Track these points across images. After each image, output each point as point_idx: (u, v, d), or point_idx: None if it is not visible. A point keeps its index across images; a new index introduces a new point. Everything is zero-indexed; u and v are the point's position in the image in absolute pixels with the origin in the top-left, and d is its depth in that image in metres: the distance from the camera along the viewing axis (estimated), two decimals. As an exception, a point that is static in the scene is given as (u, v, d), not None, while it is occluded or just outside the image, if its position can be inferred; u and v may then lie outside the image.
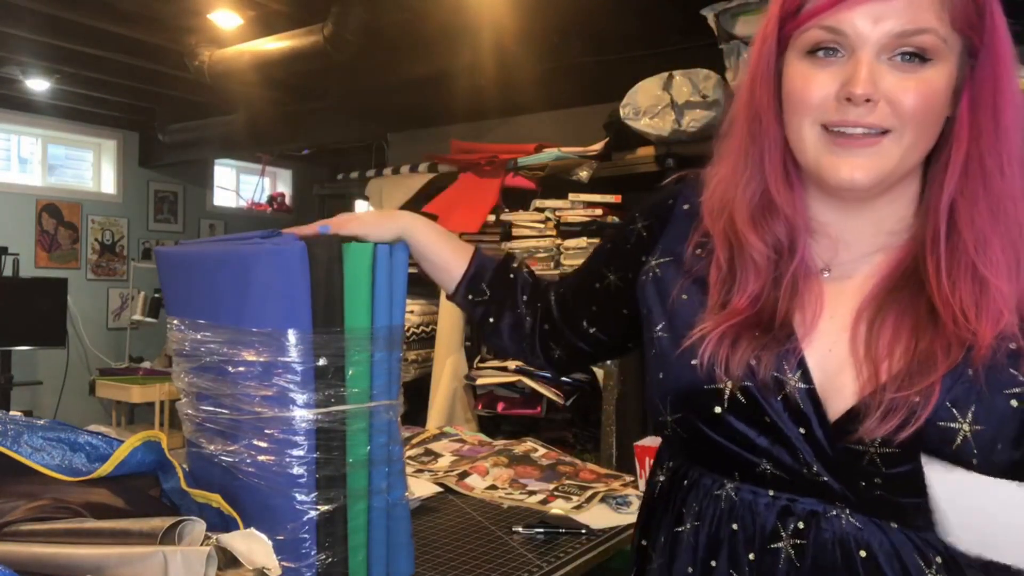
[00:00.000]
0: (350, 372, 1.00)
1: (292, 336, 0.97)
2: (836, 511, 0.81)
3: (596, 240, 2.64)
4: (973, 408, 0.76)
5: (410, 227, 1.11)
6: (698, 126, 2.51)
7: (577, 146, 2.79)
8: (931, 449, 0.76)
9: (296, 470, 0.97)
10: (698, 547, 0.87)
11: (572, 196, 2.73)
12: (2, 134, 5.46)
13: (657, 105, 2.57)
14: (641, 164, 2.67)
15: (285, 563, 0.95)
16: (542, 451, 1.98)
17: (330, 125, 4.47)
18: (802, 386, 0.81)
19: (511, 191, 2.88)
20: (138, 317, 5.36)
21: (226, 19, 3.43)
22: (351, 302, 1.00)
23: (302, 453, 0.97)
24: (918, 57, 0.77)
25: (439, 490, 1.66)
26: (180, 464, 1.04)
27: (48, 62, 4.15)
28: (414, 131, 4.15)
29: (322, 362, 0.98)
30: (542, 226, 2.77)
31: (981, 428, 0.76)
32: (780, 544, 0.82)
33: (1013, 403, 0.76)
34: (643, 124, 2.59)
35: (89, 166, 5.92)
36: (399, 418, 1.07)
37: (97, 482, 0.97)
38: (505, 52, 3.12)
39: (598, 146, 2.76)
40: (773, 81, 0.85)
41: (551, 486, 1.71)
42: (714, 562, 0.86)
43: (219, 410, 1.03)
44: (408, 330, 3.11)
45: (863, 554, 0.80)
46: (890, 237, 0.86)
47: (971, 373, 0.76)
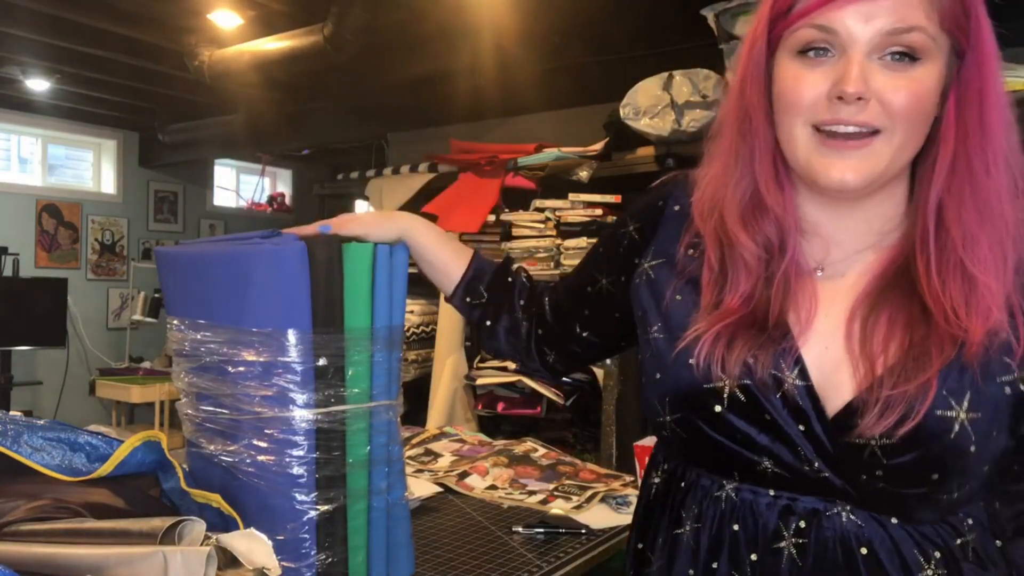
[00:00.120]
0: (350, 372, 1.00)
1: (292, 336, 0.97)
2: (837, 508, 0.82)
3: (596, 240, 2.64)
4: (968, 396, 0.77)
5: (410, 228, 1.11)
6: (698, 126, 2.50)
7: (577, 146, 2.79)
8: (930, 438, 0.77)
9: (296, 470, 0.97)
10: (699, 549, 0.87)
11: (572, 196, 2.73)
12: (2, 134, 5.46)
13: (657, 105, 2.57)
14: (641, 164, 2.67)
15: (285, 563, 0.95)
16: (542, 451, 1.98)
17: (330, 125, 4.47)
18: (800, 383, 0.81)
19: (511, 191, 2.88)
20: (138, 317, 5.36)
21: (226, 19, 3.43)
22: (351, 302, 1.00)
23: (302, 453, 0.97)
24: (908, 56, 0.78)
25: (439, 490, 1.66)
26: (180, 464, 1.03)
27: (48, 62, 4.15)
28: (414, 131, 4.15)
29: (322, 362, 0.98)
30: (542, 226, 2.77)
31: (977, 415, 0.77)
32: (783, 544, 0.82)
33: (1006, 390, 0.78)
34: (643, 124, 2.59)
35: (89, 166, 5.92)
36: (399, 418, 1.07)
37: (97, 482, 0.97)
38: (505, 52, 3.12)
39: (598, 146, 2.75)
40: (763, 82, 0.85)
41: (551, 486, 1.71)
42: (716, 564, 0.86)
43: (219, 410, 1.03)
44: (408, 330, 3.11)
45: (864, 551, 0.80)
46: (881, 236, 0.86)
47: (965, 363, 0.77)
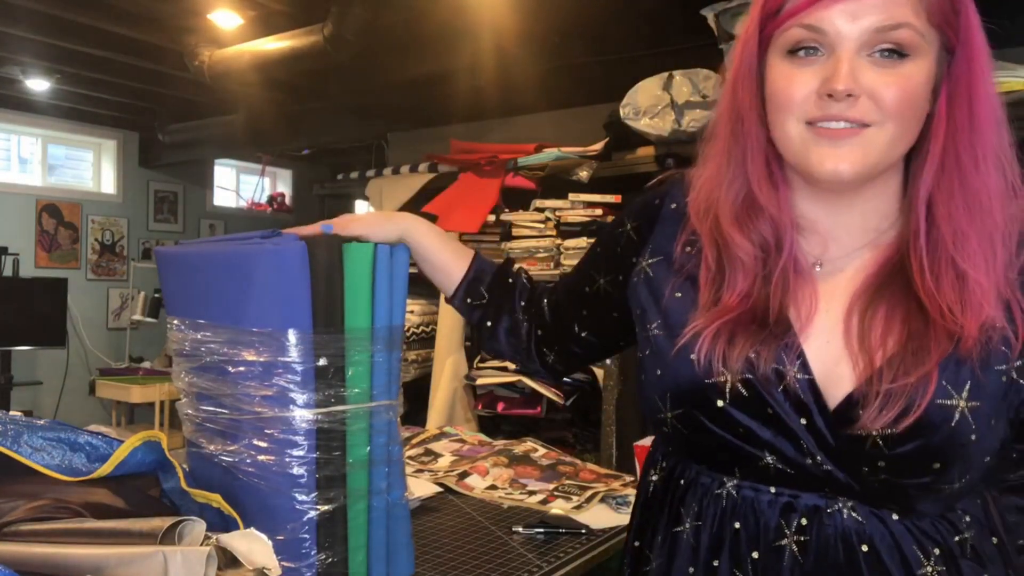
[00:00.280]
0: (350, 372, 1.00)
1: (292, 336, 0.97)
2: (838, 505, 0.82)
3: (594, 240, 2.64)
4: (968, 385, 0.78)
5: (411, 229, 1.11)
6: (698, 126, 2.50)
7: (577, 146, 2.79)
8: (931, 428, 0.77)
9: (296, 470, 0.97)
10: (699, 547, 0.87)
11: (572, 196, 2.73)
12: (2, 134, 5.46)
13: (657, 105, 2.57)
14: (641, 164, 2.67)
15: (285, 563, 0.95)
16: (542, 451, 1.98)
17: (330, 125, 4.47)
18: (802, 377, 0.82)
19: (511, 191, 2.88)
20: (138, 317, 5.35)
21: (226, 19, 3.43)
22: (351, 302, 1.00)
23: (302, 453, 0.97)
24: (897, 53, 0.78)
25: (439, 490, 1.66)
26: (180, 464, 1.03)
27: (48, 62, 4.15)
28: (414, 131, 4.15)
29: (322, 362, 0.98)
30: (542, 226, 2.77)
31: (978, 404, 0.78)
32: (784, 542, 0.82)
33: (1003, 379, 0.79)
34: (643, 124, 2.59)
35: (89, 166, 5.92)
36: (399, 418, 1.07)
37: (97, 482, 0.97)
38: (505, 52, 3.12)
39: (598, 146, 2.75)
40: (755, 82, 0.86)
41: (551, 486, 1.71)
42: (717, 562, 0.86)
43: (219, 410, 1.03)
44: (408, 330, 3.10)
45: (865, 548, 0.81)
46: (877, 233, 0.87)
47: (962, 355, 0.78)
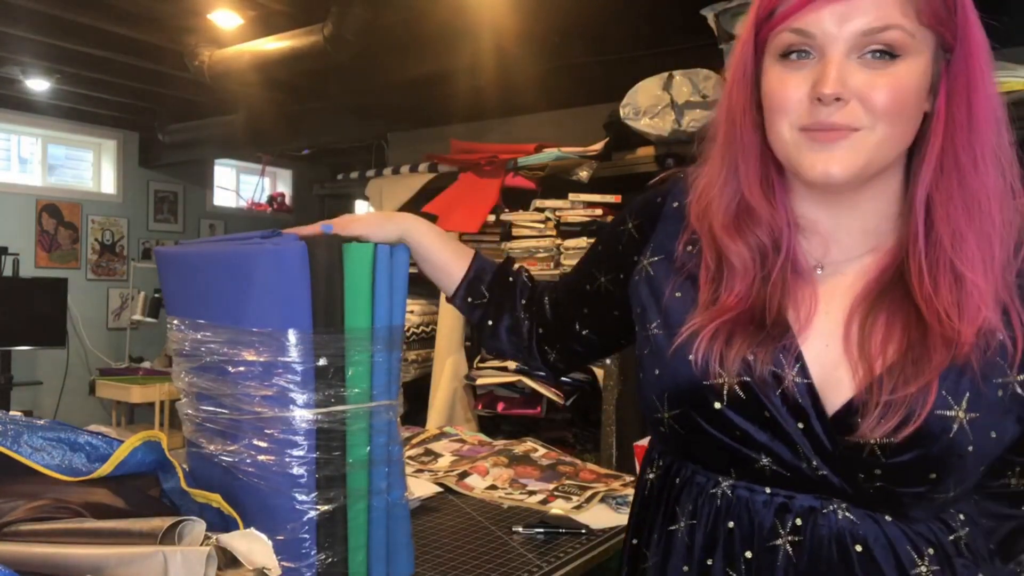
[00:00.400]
0: (350, 372, 1.00)
1: (292, 336, 0.97)
2: (833, 506, 0.82)
3: (595, 239, 2.64)
4: (968, 396, 0.78)
5: (411, 229, 1.11)
6: (698, 126, 2.50)
7: (577, 146, 2.79)
8: (930, 438, 0.77)
9: (296, 470, 0.97)
10: (694, 546, 0.87)
11: (572, 196, 2.73)
12: (2, 134, 5.46)
13: (657, 105, 2.57)
14: (641, 164, 2.67)
15: (285, 563, 0.95)
16: (542, 451, 1.98)
17: (330, 125, 4.47)
18: (800, 380, 0.81)
19: (511, 191, 2.88)
20: (138, 317, 5.36)
21: (226, 19, 3.43)
22: (351, 302, 1.00)
23: (302, 453, 0.97)
24: (887, 54, 0.78)
25: (439, 490, 1.66)
26: (180, 464, 1.03)
27: (48, 62, 4.15)
28: (414, 131, 4.15)
29: (322, 362, 0.98)
30: (542, 226, 2.77)
31: (976, 416, 0.77)
32: (779, 542, 0.82)
33: (999, 392, 0.79)
34: (643, 124, 2.59)
35: (89, 166, 5.92)
36: (399, 418, 1.07)
37: (97, 482, 0.97)
38: (505, 52, 3.12)
39: (598, 146, 2.75)
40: (751, 85, 0.86)
41: (551, 486, 1.71)
42: (710, 561, 0.86)
43: (219, 410, 1.03)
44: (408, 330, 3.10)
45: (859, 548, 0.81)
46: (878, 236, 0.86)
47: (963, 364, 0.78)
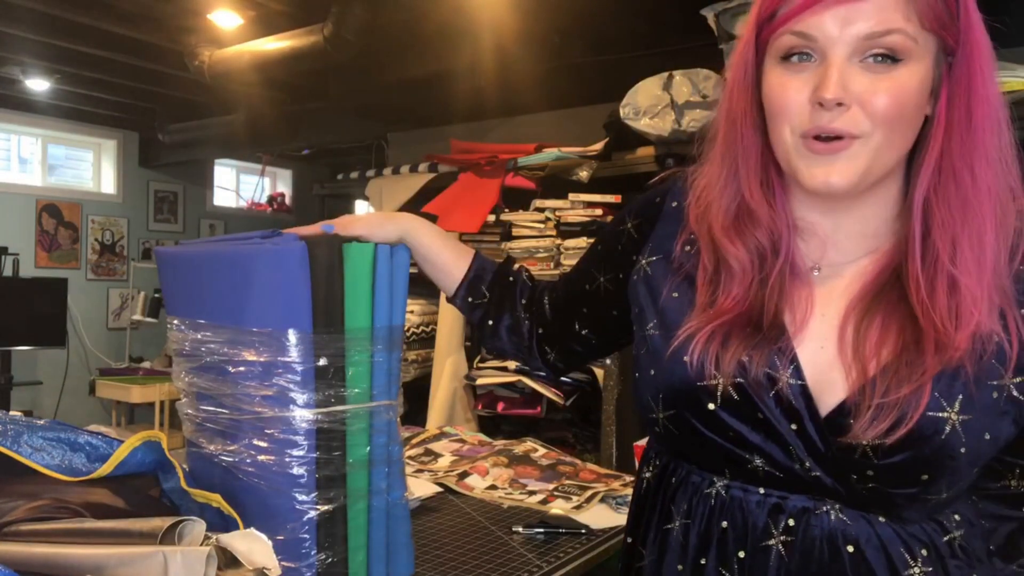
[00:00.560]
0: (350, 372, 1.00)
1: (292, 336, 0.97)
2: (826, 507, 0.82)
3: (595, 238, 2.64)
4: (960, 398, 0.77)
5: (412, 229, 1.11)
6: (698, 126, 2.50)
7: (577, 146, 2.79)
8: (921, 439, 0.77)
9: (296, 470, 0.97)
10: (688, 545, 0.88)
11: (572, 196, 2.73)
12: (2, 134, 5.46)
13: (657, 105, 2.57)
14: (641, 164, 2.67)
15: (285, 563, 0.95)
16: (542, 451, 1.98)
17: (330, 125, 4.47)
18: (794, 382, 0.81)
19: (511, 191, 2.88)
20: (138, 317, 5.36)
21: (226, 19, 3.43)
22: (351, 302, 1.00)
23: (302, 453, 0.97)
24: (889, 58, 0.77)
25: (439, 490, 1.66)
26: (180, 464, 1.03)
27: (48, 62, 4.15)
28: (414, 131, 4.15)
29: (322, 362, 0.97)
30: (542, 226, 2.77)
31: (969, 418, 0.77)
32: (771, 542, 0.83)
33: (994, 394, 0.79)
34: (643, 124, 2.59)
35: (89, 166, 5.92)
36: (399, 418, 1.07)
37: (97, 482, 0.97)
38: (505, 52, 3.12)
39: (598, 146, 2.75)
40: (751, 87, 0.85)
41: (551, 486, 1.71)
42: (704, 560, 0.86)
43: (219, 410, 1.03)
44: (408, 330, 3.10)
45: (850, 549, 0.81)
46: (876, 239, 0.86)
47: (956, 367, 0.78)
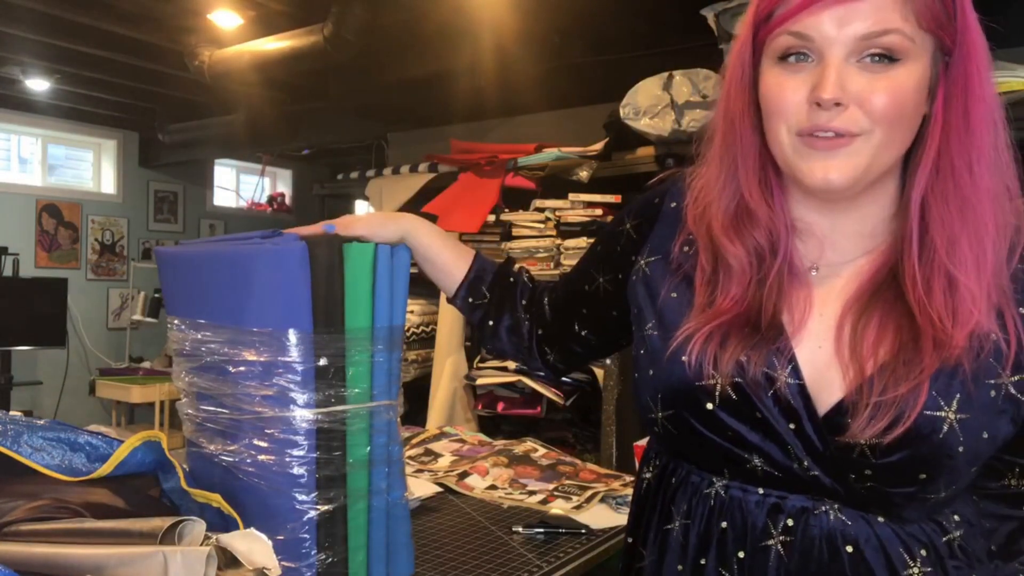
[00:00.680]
0: (350, 372, 1.00)
1: (292, 336, 0.97)
2: (825, 507, 0.82)
3: (594, 239, 2.63)
4: (958, 397, 0.78)
5: (412, 229, 1.11)
6: (698, 126, 2.50)
7: (577, 146, 2.79)
8: (919, 438, 0.77)
9: (296, 470, 0.97)
10: (688, 545, 0.88)
11: (572, 196, 2.73)
12: (2, 134, 5.46)
13: (657, 105, 2.56)
14: (641, 164, 2.67)
15: (285, 563, 0.95)
16: (542, 451, 1.98)
17: (330, 125, 4.47)
18: (792, 382, 0.82)
19: (511, 191, 2.88)
20: (138, 317, 5.36)
21: (226, 19, 3.43)
22: (352, 302, 1.00)
23: (302, 453, 0.97)
24: (887, 58, 0.77)
25: (439, 490, 1.66)
26: (180, 464, 1.03)
27: (48, 62, 4.15)
28: (414, 131, 4.15)
29: (323, 362, 0.97)
30: (542, 226, 2.77)
31: (966, 416, 0.77)
32: (771, 542, 0.83)
33: (992, 393, 0.79)
34: (643, 124, 2.59)
35: (89, 166, 5.92)
36: (399, 418, 1.07)
37: (97, 482, 0.97)
38: (505, 52, 3.12)
39: (598, 146, 2.75)
40: (749, 87, 0.85)
41: (551, 486, 1.71)
42: (703, 560, 0.86)
43: (219, 410, 1.03)
44: (408, 330, 3.10)
45: (849, 549, 0.81)
46: (874, 238, 0.86)
47: (954, 365, 0.78)
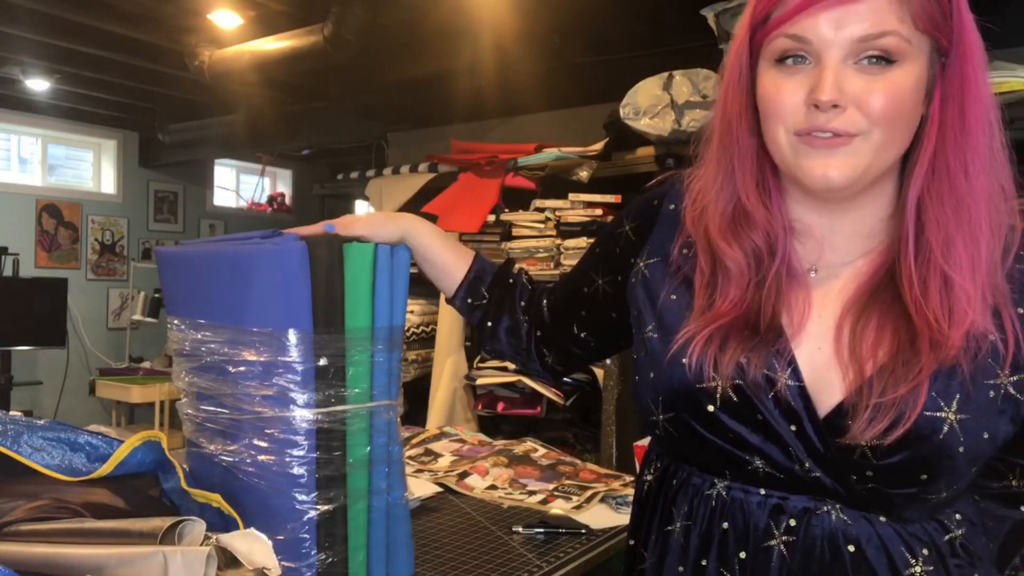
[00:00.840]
0: (350, 372, 1.00)
1: (292, 336, 0.97)
2: (827, 507, 0.82)
3: (593, 241, 2.63)
4: (958, 397, 0.78)
5: (412, 230, 1.11)
6: (698, 126, 2.50)
7: (577, 146, 2.79)
8: (919, 439, 0.77)
9: (296, 470, 0.97)
10: (689, 547, 0.88)
11: (572, 196, 2.73)
12: (2, 134, 5.46)
13: (657, 105, 2.57)
14: (641, 164, 2.67)
15: (285, 563, 0.95)
16: (542, 451, 1.98)
17: (330, 125, 4.47)
18: (792, 384, 0.82)
19: (511, 191, 2.88)
20: (138, 317, 5.36)
21: (226, 19, 3.43)
22: (351, 302, 1.00)
23: (302, 453, 0.97)
24: (884, 60, 0.77)
25: (439, 490, 1.66)
26: (180, 464, 1.03)
27: (48, 62, 4.15)
28: (414, 131, 4.15)
29: (323, 362, 0.98)
30: (542, 226, 2.77)
31: (967, 417, 0.78)
32: (773, 542, 0.83)
33: (991, 393, 0.79)
34: (643, 124, 2.59)
35: (89, 166, 5.92)
36: (399, 418, 1.07)
37: (97, 482, 0.97)
38: (505, 52, 3.12)
39: (598, 146, 2.75)
40: (746, 89, 0.85)
41: (551, 486, 1.71)
42: (704, 561, 0.86)
43: (219, 410, 1.03)
44: (408, 330, 3.10)
45: (851, 549, 0.81)
46: (871, 239, 0.86)
47: (953, 366, 0.78)
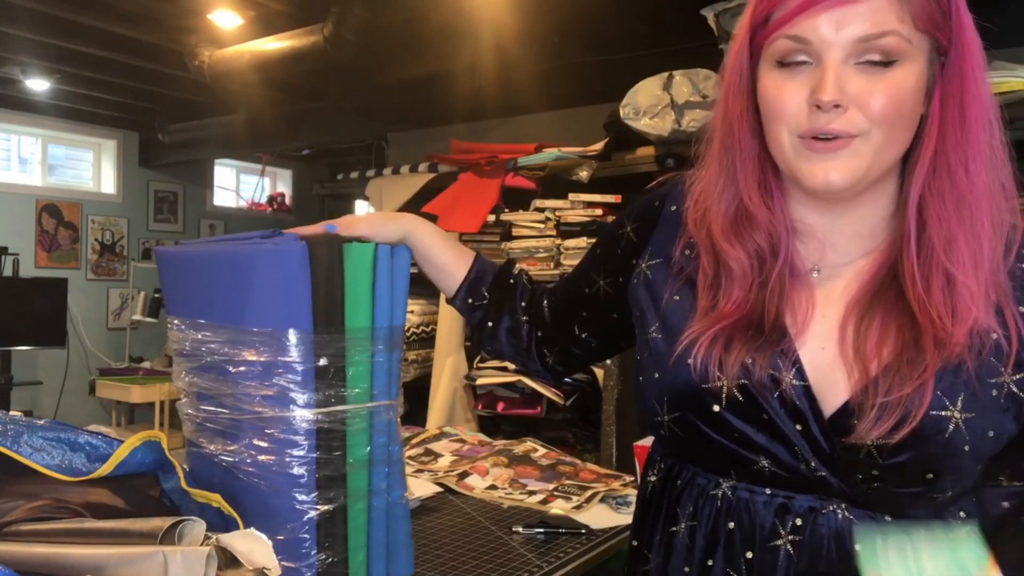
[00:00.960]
0: (350, 372, 1.00)
1: (293, 336, 0.97)
2: (833, 506, 0.82)
3: (594, 241, 2.63)
4: (963, 396, 0.78)
5: (413, 230, 1.11)
6: (698, 126, 2.50)
7: (577, 146, 2.79)
8: (925, 438, 0.77)
9: (296, 470, 0.97)
10: (694, 547, 0.88)
11: (572, 196, 2.73)
12: (2, 134, 5.46)
13: (657, 105, 2.57)
14: (641, 164, 2.67)
15: (285, 563, 0.95)
16: (542, 451, 1.98)
17: (330, 125, 4.47)
18: (797, 383, 0.82)
19: (511, 191, 2.88)
20: (138, 317, 5.36)
21: (226, 19, 3.43)
22: (352, 302, 1.00)
23: (302, 453, 0.97)
24: (884, 60, 0.78)
25: (439, 490, 1.66)
26: (180, 464, 1.03)
27: (48, 62, 4.15)
28: (414, 131, 4.15)
29: (323, 362, 0.98)
30: (542, 226, 2.77)
31: (972, 415, 0.78)
32: (779, 542, 0.83)
33: (994, 392, 0.79)
34: (643, 124, 2.59)
35: (89, 166, 5.92)
36: (399, 418, 1.07)
37: (97, 482, 0.97)
38: (505, 52, 3.12)
39: (598, 146, 2.75)
40: (747, 91, 0.86)
41: (551, 486, 1.71)
42: (711, 561, 0.86)
43: (219, 410, 1.03)
44: (408, 330, 3.10)
45: (858, 547, 0.80)
46: (873, 238, 0.87)
47: (958, 364, 0.78)
